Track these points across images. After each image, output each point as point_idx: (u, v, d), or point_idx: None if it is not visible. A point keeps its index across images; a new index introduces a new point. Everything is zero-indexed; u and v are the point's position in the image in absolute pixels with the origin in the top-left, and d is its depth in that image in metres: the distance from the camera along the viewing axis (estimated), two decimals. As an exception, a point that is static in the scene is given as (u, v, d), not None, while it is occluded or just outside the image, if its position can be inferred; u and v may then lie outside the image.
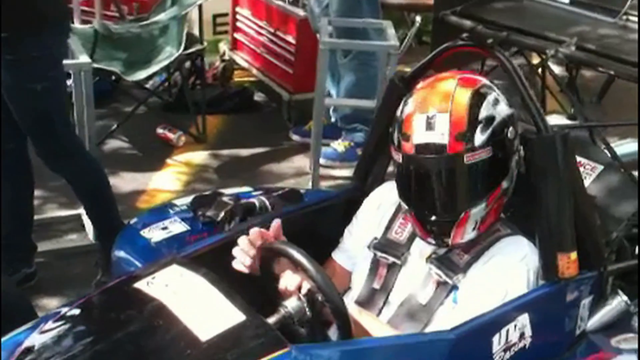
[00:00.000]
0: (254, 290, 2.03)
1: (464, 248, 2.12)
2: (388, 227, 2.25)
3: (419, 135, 2.00)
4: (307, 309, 1.87)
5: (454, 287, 2.08)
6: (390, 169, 2.28)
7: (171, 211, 2.61)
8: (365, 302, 2.20)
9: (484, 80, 2.12)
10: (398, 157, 2.06)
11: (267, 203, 2.48)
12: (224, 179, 4.21)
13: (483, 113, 2.02)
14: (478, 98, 2.04)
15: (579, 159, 2.49)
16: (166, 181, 4.21)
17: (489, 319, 1.97)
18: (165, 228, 2.50)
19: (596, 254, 2.23)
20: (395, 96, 2.33)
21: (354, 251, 2.31)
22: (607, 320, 2.28)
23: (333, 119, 4.57)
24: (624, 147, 3.31)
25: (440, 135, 1.98)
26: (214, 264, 2.04)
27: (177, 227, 2.51)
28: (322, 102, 3.95)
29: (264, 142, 4.64)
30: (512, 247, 2.12)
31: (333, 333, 1.93)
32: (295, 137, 4.71)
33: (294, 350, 1.74)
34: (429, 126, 1.99)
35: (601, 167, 2.49)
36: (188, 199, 2.65)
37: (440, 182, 2.03)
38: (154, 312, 1.85)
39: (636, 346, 2.19)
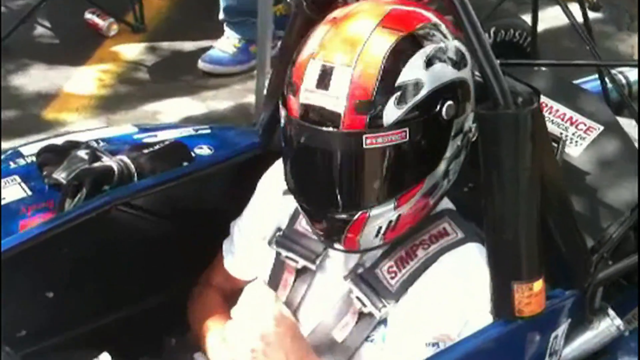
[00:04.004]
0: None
1: (397, 259, 1.49)
2: (295, 215, 1.61)
3: (308, 91, 1.37)
4: None
5: (382, 322, 1.47)
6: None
7: (12, 165, 1.94)
8: None
9: (432, 19, 1.43)
10: (283, 115, 1.42)
11: (132, 167, 1.80)
12: (158, 80, 3.51)
13: (405, 76, 1.34)
14: (403, 51, 1.35)
15: (569, 113, 1.81)
16: (86, 82, 3.48)
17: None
18: (-5, 193, 1.84)
19: (578, 269, 1.58)
20: (301, 24, 1.65)
21: (246, 254, 1.69)
22: (589, 349, 1.67)
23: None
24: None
25: (335, 99, 1.34)
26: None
27: (13, 191, 1.85)
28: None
29: (216, 31, 3.81)
30: (463, 264, 1.48)
31: None
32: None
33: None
34: (322, 82, 1.35)
35: (600, 128, 1.79)
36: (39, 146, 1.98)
37: (326, 166, 1.39)
38: None
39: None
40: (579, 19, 2.40)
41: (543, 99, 1.80)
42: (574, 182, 1.71)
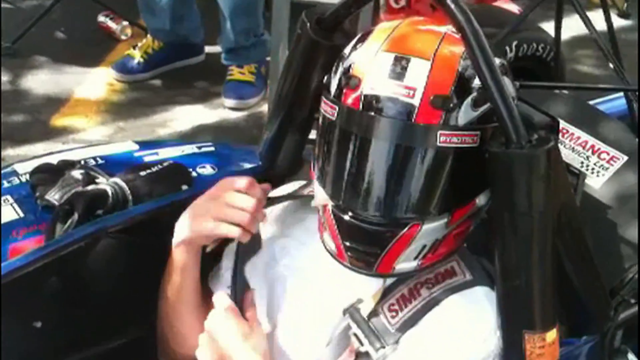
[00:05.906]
0: None
1: (399, 297, 1.40)
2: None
3: (376, 82, 1.28)
4: None
5: None
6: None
7: (6, 184, 1.85)
8: None
9: None
10: (331, 112, 1.31)
11: (127, 191, 1.71)
12: (171, 87, 3.42)
13: None
14: None
15: (592, 141, 1.71)
16: (97, 87, 3.39)
17: None
18: (-14, 215, 1.76)
19: (597, 313, 1.48)
20: (305, 46, 1.55)
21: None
22: (606, 394, 1.55)
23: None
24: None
25: (409, 90, 1.26)
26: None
27: (5, 212, 1.76)
28: None
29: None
30: (469, 309, 1.39)
31: None
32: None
33: None
34: (396, 72, 1.27)
35: (624, 158, 1.69)
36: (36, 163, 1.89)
37: (386, 163, 1.29)
38: None
39: None
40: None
41: (563, 124, 1.70)
42: (594, 216, 1.61)
